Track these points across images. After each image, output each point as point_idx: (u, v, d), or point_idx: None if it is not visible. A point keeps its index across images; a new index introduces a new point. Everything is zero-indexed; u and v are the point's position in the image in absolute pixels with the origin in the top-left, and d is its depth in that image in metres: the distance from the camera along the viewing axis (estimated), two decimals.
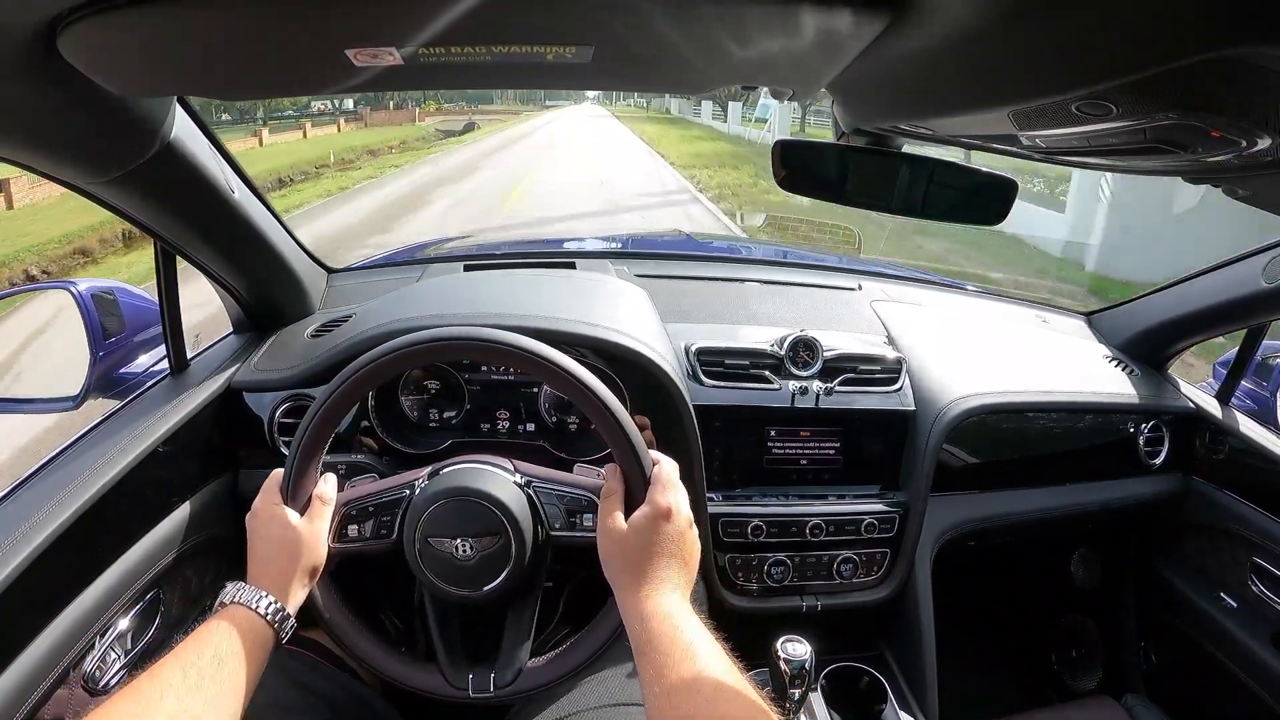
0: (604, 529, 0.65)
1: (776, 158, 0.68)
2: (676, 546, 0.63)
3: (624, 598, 0.62)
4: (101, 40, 0.46)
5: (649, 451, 0.68)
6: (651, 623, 0.57)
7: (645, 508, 0.64)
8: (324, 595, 0.72)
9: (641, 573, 0.61)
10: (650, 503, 0.64)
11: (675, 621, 0.57)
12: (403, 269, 1.43)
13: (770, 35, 0.45)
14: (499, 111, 48.48)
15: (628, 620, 0.61)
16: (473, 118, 37.19)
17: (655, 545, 0.62)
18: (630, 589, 0.61)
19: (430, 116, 37.62)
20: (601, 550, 0.65)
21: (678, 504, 0.65)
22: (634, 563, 0.62)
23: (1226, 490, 1.24)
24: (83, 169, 0.67)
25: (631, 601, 0.60)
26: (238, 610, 0.60)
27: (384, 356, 0.67)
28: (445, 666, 0.72)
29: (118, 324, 1.13)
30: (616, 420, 0.66)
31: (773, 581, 1.11)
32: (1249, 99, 0.33)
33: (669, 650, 0.55)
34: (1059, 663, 1.53)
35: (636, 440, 0.67)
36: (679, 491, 0.67)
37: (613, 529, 0.64)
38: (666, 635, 0.56)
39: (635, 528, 0.63)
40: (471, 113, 41.60)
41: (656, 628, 0.57)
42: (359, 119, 31.24)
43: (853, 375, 1.14)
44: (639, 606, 0.59)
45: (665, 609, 0.59)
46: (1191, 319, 1.25)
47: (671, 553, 0.63)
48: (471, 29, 0.43)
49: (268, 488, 0.68)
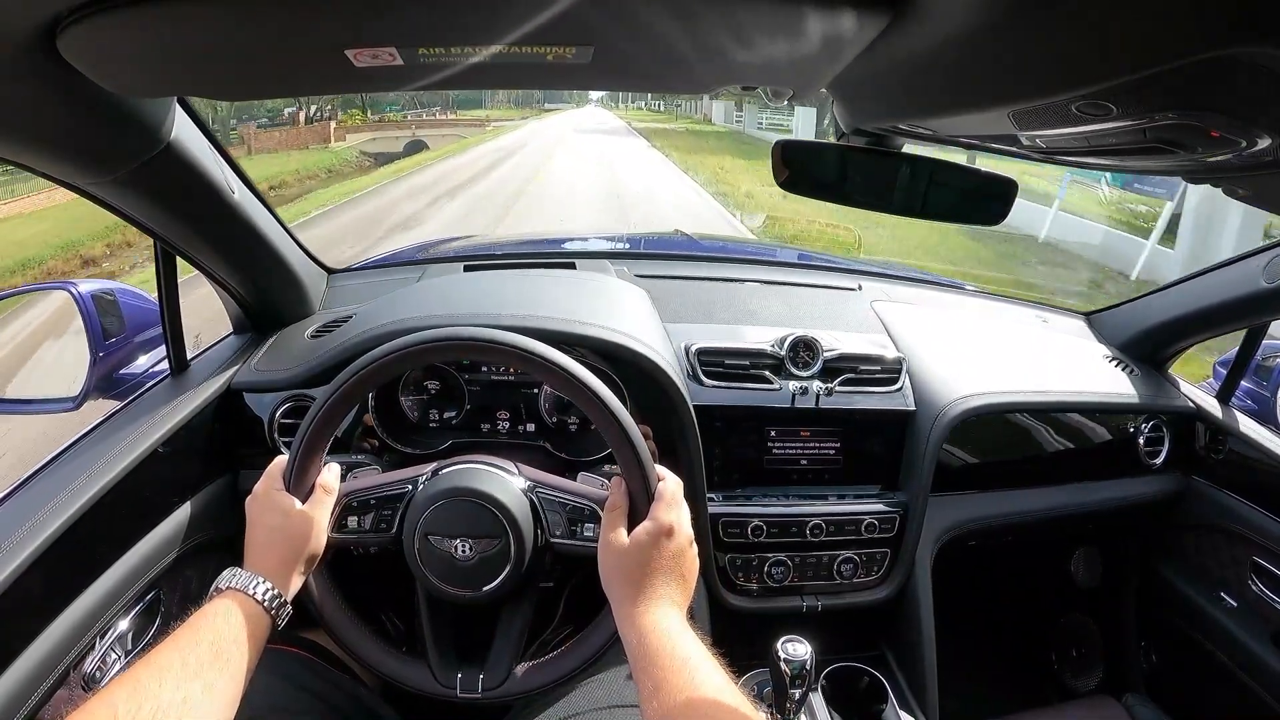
0: (606, 543, 0.65)
1: (777, 158, 0.69)
2: (676, 563, 0.64)
3: (622, 612, 0.62)
4: (101, 40, 0.46)
5: (654, 467, 0.68)
6: (650, 638, 0.58)
7: (648, 524, 0.64)
8: (320, 588, 0.72)
9: (640, 588, 0.62)
10: (653, 519, 0.65)
11: (673, 637, 0.58)
12: (403, 269, 1.43)
13: (770, 35, 0.45)
14: (460, 124, 30.77)
15: (625, 635, 0.61)
16: (418, 133, 24.88)
17: (655, 562, 0.63)
18: (628, 604, 0.61)
19: (356, 133, 24.22)
20: (602, 564, 0.65)
21: (680, 522, 0.65)
22: (633, 578, 0.62)
23: (1226, 490, 1.24)
24: (83, 169, 0.67)
25: (629, 616, 0.61)
26: (235, 596, 0.60)
27: (389, 355, 0.67)
28: (435, 664, 0.73)
29: (118, 324, 1.13)
30: (625, 434, 0.66)
31: (773, 582, 1.11)
32: (1249, 99, 0.33)
33: (667, 665, 0.55)
34: (1059, 663, 1.53)
35: (644, 455, 0.67)
36: (682, 509, 0.67)
37: (615, 543, 0.64)
38: (665, 651, 0.56)
39: (637, 543, 0.64)
40: (416, 125, 27.60)
41: (655, 643, 0.57)
42: (242, 143, 18.46)
43: (853, 375, 1.14)
44: (637, 621, 0.60)
45: (664, 625, 0.59)
46: (1191, 319, 1.25)
47: (671, 569, 0.63)
48: (471, 29, 0.43)
49: (270, 473, 0.68)
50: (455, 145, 22.37)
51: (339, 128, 24.09)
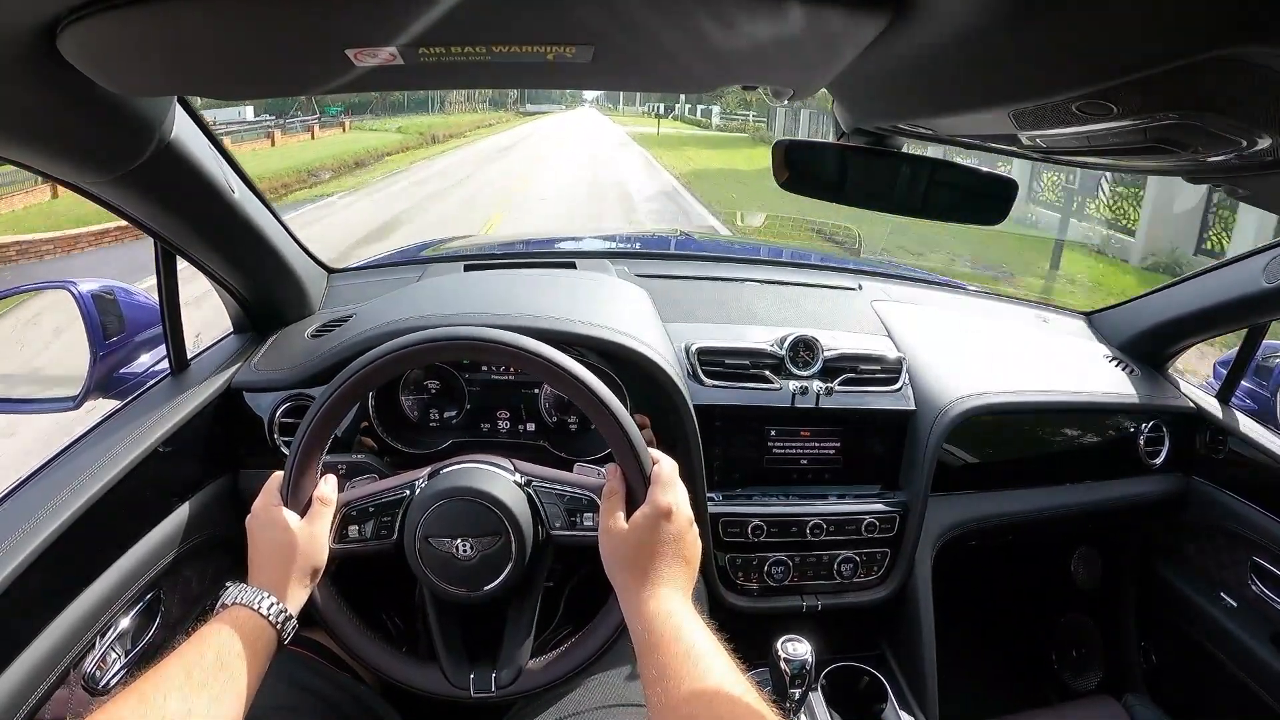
0: (605, 529, 0.65)
1: (778, 158, 0.69)
2: (678, 546, 0.63)
3: (626, 598, 0.62)
4: (101, 40, 0.46)
5: (649, 450, 0.68)
6: (655, 623, 0.58)
7: (646, 507, 0.64)
8: (325, 595, 0.72)
9: (643, 573, 0.61)
10: (651, 502, 0.64)
11: (678, 622, 0.57)
12: (403, 269, 1.43)
13: (771, 35, 0.45)
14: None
15: (630, 621, 0.61)
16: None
17: (657, 545, 0.62)
18: (633, 589, 0.61)
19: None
20: (603, 551, 0.65)
21: (678, 503, 0.65)
22: (636, 563, 0.62)
23: (1226, 490, 1.24)
24: (83, 169, 0.67)
25: (634, 602, 0.61)
26: (240, 611, 0.60)
27: (384, 356, 0.67)
28: (446, 666, 0.73)
29: (118, 324, 1.13)
30: (616, 420, 0.66)
31: (773, 581, 1.11)
32: (1249, 99, 0.33)
33: (672, 650, 0.55)
34: (1059, 663, 1.53)
35: (636, 440, 0.67)
36: (679, 490, 0.67)
37: (614, 529, 0.64)
38: (669, 636, 0.56)
39: (636, 528, 0.63)
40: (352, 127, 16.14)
41: (660, 628, 0.57)
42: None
43: (853, 375, 1.14)
44: (641, 607, 0.60)
45: (668, 609, 0.59)
46: (1192, 319, 1.25)
47: (673, 552, 0.63)
48: (471, 29, 0.43)
49: (268, 489, 0.68)
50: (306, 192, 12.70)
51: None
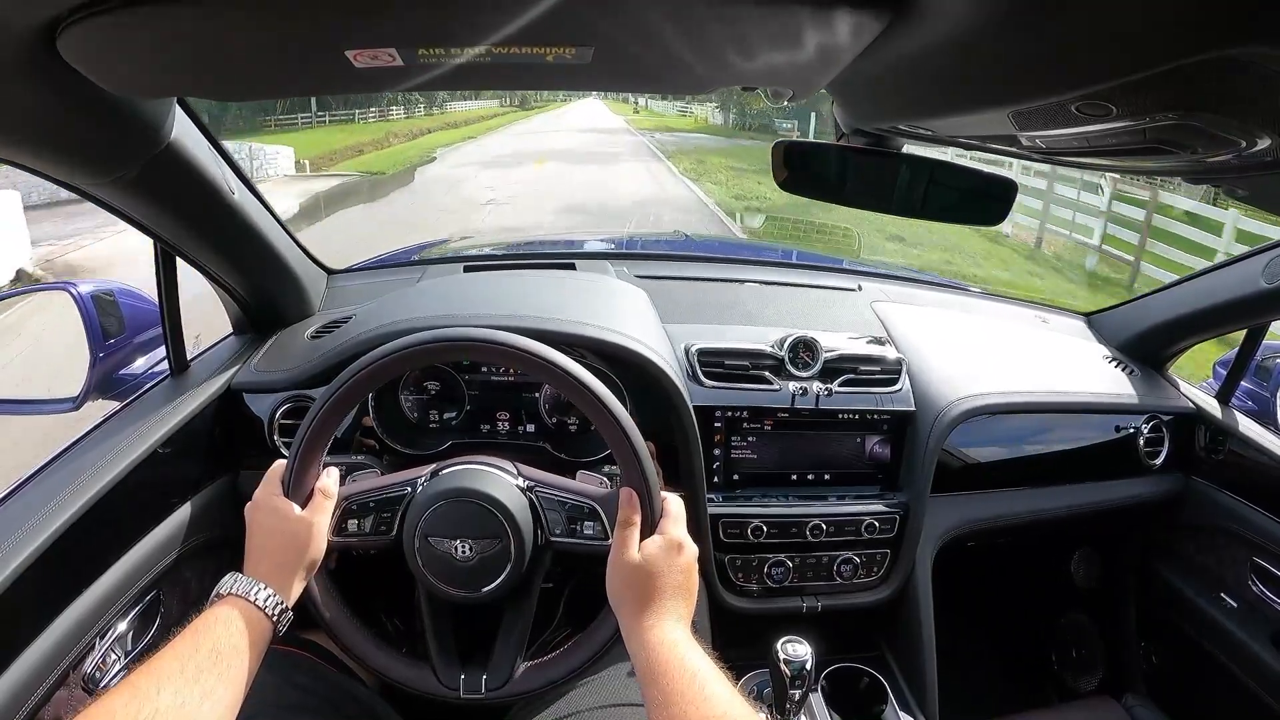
0: (618, 559, 0.66)
1: (778, 158, 0.69)
2: (684, 579, 0.65)
3: (630, 626, 0.63)
4: (101, 41, 0.46)
5: (659, 482, 0.69)
6: (659, 651, 0.59)
7: (659, 538, 0.65)
8: (322, 593, 0.72)
9: (649, 602, 0.62)
10: (664, 534, 0.66)
11: (681, 651, 0.58)
12: (403, 270, 1.43)
13: (771, 36, 0.45)
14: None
15: (632, 648, 0.61)
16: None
17: (665, 577, 0.63)
18: (637, 618, 0.62)
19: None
20: (613, 578, 0.66)
21: (686, 538, 0.67)
22: (643, 593, 0.63)
23: (1226, 490, 1.24)
24: (83, 170, 0.67)
25: (638, 630, 0.61)
26: (235, 602, 0.60)
27: (388, 356, 0.67)
28: (438, 666, 0.73)
29: (117, 325, 1.13)
30: (633, 450, 0.67)
31: (773, 582, 1.11)
32: (1249, 99, 0.33)
33: (676, 677, 0.56)
34: (1059, 663, 1.53)
35: (649, 470, 0.67)
36: (684, 525, 0.68)
37: (628, 559, 0.65)
38: (674, 664, 0.57)
39: (648, 557, 0.64)
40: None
41: (665, 656, 0.58)
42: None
43: (853, 376, 1.14)
44: (645, 635, 0.60)
45: (671, 638, 0.60)
46: (1191, 319, 1.25)
47: (678, 584, 0.64)
48: (471, 30, 0.43)
49: (269, 479, 0.68)
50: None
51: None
